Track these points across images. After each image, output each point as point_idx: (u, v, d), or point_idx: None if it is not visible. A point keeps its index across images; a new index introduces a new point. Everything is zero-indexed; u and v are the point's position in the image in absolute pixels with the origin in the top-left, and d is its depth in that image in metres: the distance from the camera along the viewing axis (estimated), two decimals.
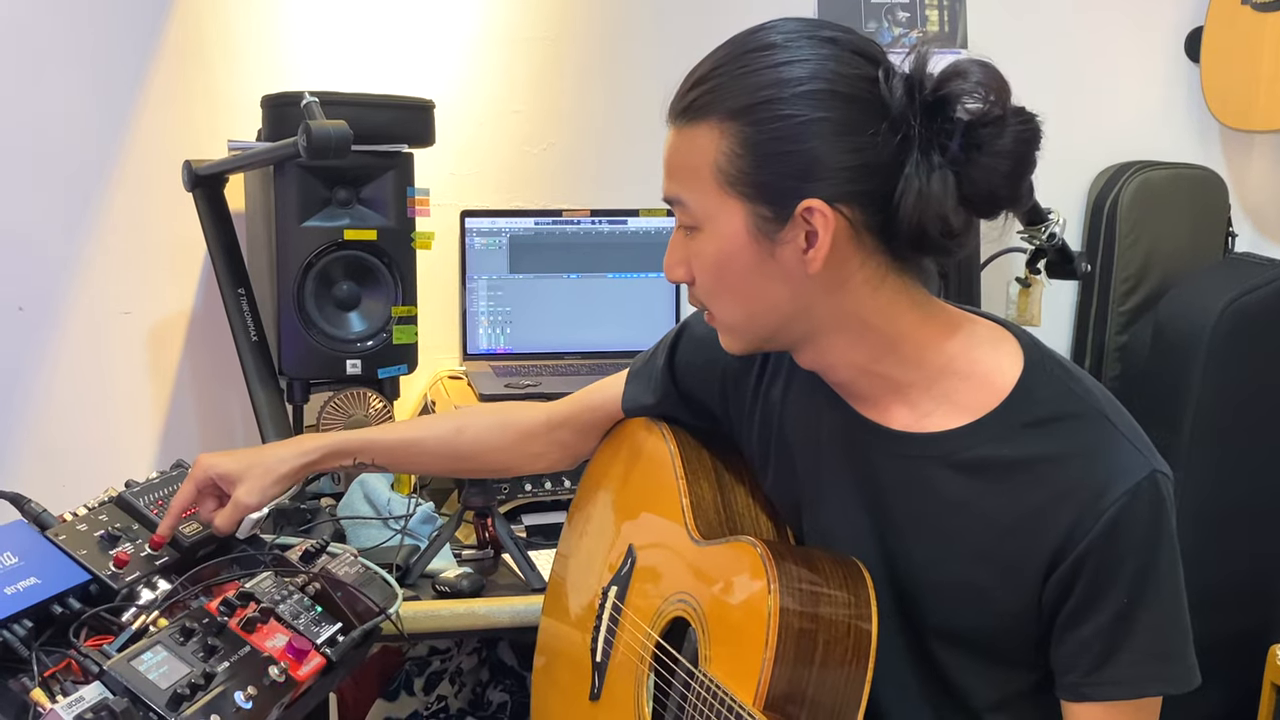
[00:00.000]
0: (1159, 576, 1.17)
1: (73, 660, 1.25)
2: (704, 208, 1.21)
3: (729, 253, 1.21)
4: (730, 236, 1.20)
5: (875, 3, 2.57)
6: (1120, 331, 2.70)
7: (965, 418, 1.23)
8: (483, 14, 2.47)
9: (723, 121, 1.17)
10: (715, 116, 1.17)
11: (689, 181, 1.21)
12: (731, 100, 1.16)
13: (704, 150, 1.18)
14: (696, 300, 1.30)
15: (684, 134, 1.20)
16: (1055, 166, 2.57)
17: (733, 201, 1.18)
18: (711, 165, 1.18)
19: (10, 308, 2.27)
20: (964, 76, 1.15)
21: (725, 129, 1.17)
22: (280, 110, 2.05)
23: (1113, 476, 1.16)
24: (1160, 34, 2.78)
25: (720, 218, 1.20)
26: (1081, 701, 1.21)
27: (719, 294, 1.26)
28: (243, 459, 1.56)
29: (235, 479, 1.54)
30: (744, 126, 1.16)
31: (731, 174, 1.17)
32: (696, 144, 1.19)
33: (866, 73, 1.15)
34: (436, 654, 2.46)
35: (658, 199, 1.26)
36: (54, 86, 2.24)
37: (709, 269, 1.24)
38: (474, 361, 2.44)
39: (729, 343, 1.31)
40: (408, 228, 2.11)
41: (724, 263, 1.22)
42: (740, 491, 1.47)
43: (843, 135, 1.14)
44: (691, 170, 1.20)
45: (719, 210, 1.20)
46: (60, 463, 2.29)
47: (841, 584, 1.24)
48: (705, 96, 1.18)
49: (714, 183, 1.19)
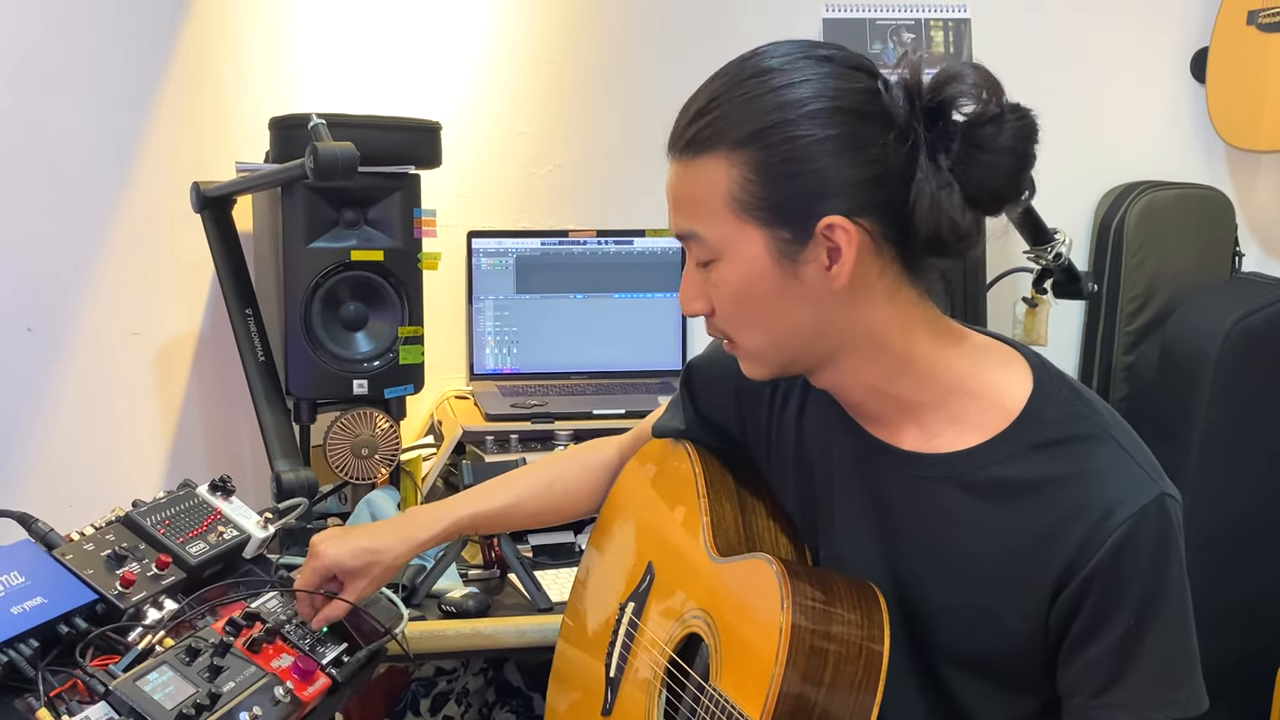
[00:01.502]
0: (1166, 599, 1.16)
1: (79, 680, 1.25)
2: (721, 238, 1.19)
3: (751, 279, 1.20)
4: (751, 262, 1.19)
5: (880, 24, 2.58)
6: (1127, 351, 2.70)
7: (975, 438, 1.23)
8: (489, 36, 2.48)
9: (732, 151, 1.16)
10: (723, 146, 1.16)
11: (701, 214, 1.20)
12: (738, 128, 1.16)
13: (714, 181, 1.17)
14: (717, 330, 1.28)
15: (690, 167, 1.19)
16: (1061, 187, 2.59)
17: (750, 228, 1.18)
18: (724, 195, 1.17)
19: (19, 328, 2.27)
20: (959, 79, 1.16)
21: (734, 158, 1.16)
22: (288, 132, 2.06)
23: (1120, 499, 1.16)
24: (1166, 54, 2.79)
25: (739, 245, 1.19)
26: None
27: (742, 322, 1.25)
28: (361, 554, 1.51)
29: (353, 575, 1.51)
30: (755, 152, 1.15)
31: (746, 201, 1.17)
32: (706, 176, 1.18)
33: (867, 85, 1.16)
34: (443, 674, 2.45)
35: (664, 219, 1.25)
36: (63, 107, 2.26)
37: (731, 298, 1.22)
38: (480, 381, 2.45)
39: (752, 369, 1.29)
40: (414, 248, 2.11)
41: (747, 289, 1.21)
42: (761, 512, 1.47)
43: (853, 149, 1.15)
44: (703, 203, 1.19)
45: (737, 238, 1.19)
46: (68, 482, 2.30)
47: (855, 606, 1.24)
48: (709, 128, 1.17)
49: (729, 211, 1.18)
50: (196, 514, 1.59)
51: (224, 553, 1.56)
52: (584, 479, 1.69)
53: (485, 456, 2.10)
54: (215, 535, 1.57)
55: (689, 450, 1.53)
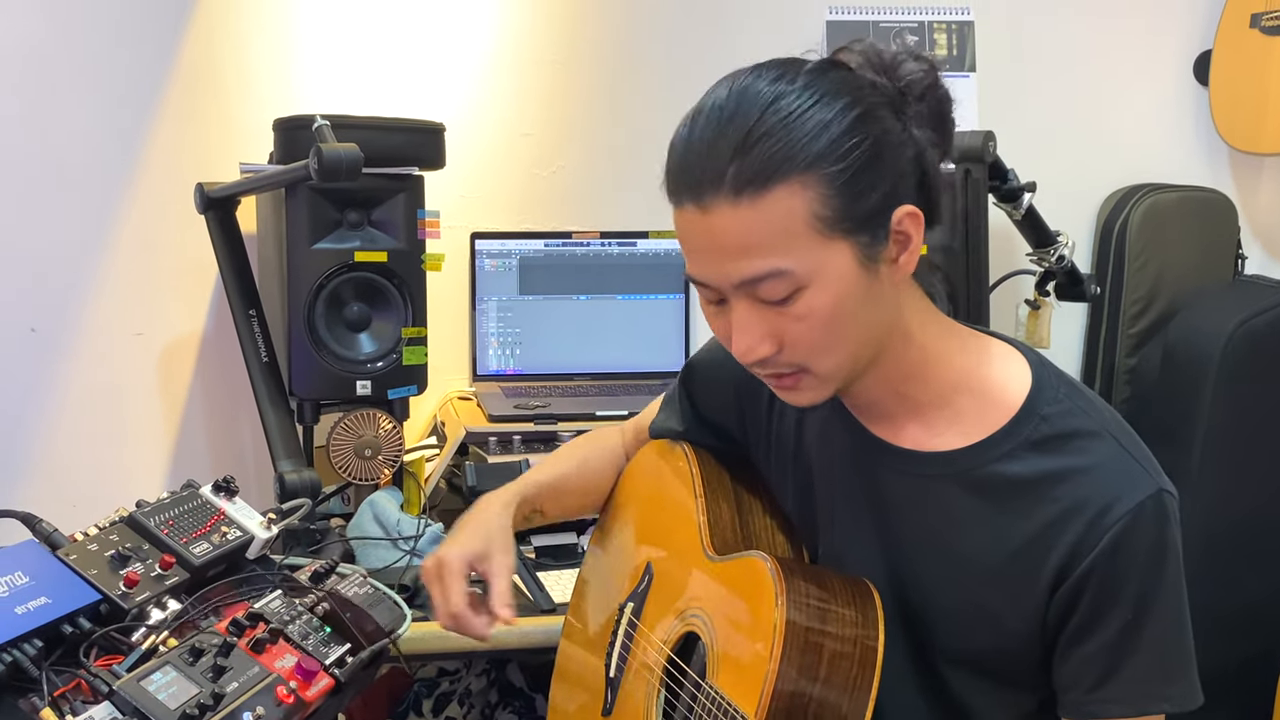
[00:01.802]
0: (1163, 595, 1.17)
1: (82, 680, 1.25)
2: (810, 264, 1.13)
3: (843, 295, 1.15)
4: (842, 279, 1.14)
5: (884, 26, 2.58)
6: (1130, 354, 2.70)
7: (973, 436, 1.24)
8: (493, 38, 2.48)
9: (805, 173, 1.11)
10: (794, 171, 1.11)
11: (782, 247, 1.12)
12: (804, 149, 1.11)
13: (791, 210, 1.11)
14: (783, 366, 1.20)
15: (758, 204, 1.11)
16: (1064, 189, 2.59)
17: (838, 243, 1.13)
18: (806, 219, 1.12)
19: (23, 328, 2.28)
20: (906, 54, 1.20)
21: (806, 180, 1.11)
22: (292, 133, 2.07)
23: (1118, 494, 1.16)
24: (1169, 57, 2.79)
25: (828, 266, 1.14)
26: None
27: (827, 346, 1.18)
28: (473, 538, 1.48)
29: (483, 554, 1.47)
30: (827, 169, 1.11)
31: (831, 218, 1.12)
32: (779, 208, 1.11)
33: (860, 80, 1.17)
34: (445, 675, 2.46)
35: (667, 221, 1.23)
36: (68, 108, 2.26)
37: (824, 323, 1.16)
38: (484, 382, 2.45)
39: (816, 395, 1.23)
40: (418, 250, 2.11)
41: (839, 307, 1.15)
42: (758, 511, 1.48)
43: (892, 138, 1.16)
44: (782, 235, 1.12)
45: (826, 259, 1.13)
46: (71, 482, 2.30)
47: (849, 602, 1.25)
48: (770, 159, 1.11)
49: (815, 235, 1.12)
50: (200, 514, 1.59)
51: (227, 553, 1.56)
52: (605, 461, 1.68)
53: (488, 457, 2.10)
54: (219, 536, 1.57)
55: (686, 451, 1.54)
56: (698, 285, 1.21)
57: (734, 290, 1.16)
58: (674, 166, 1.17)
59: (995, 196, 2.26)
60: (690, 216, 1.15)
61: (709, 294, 1.21)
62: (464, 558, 1.45)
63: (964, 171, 2.17)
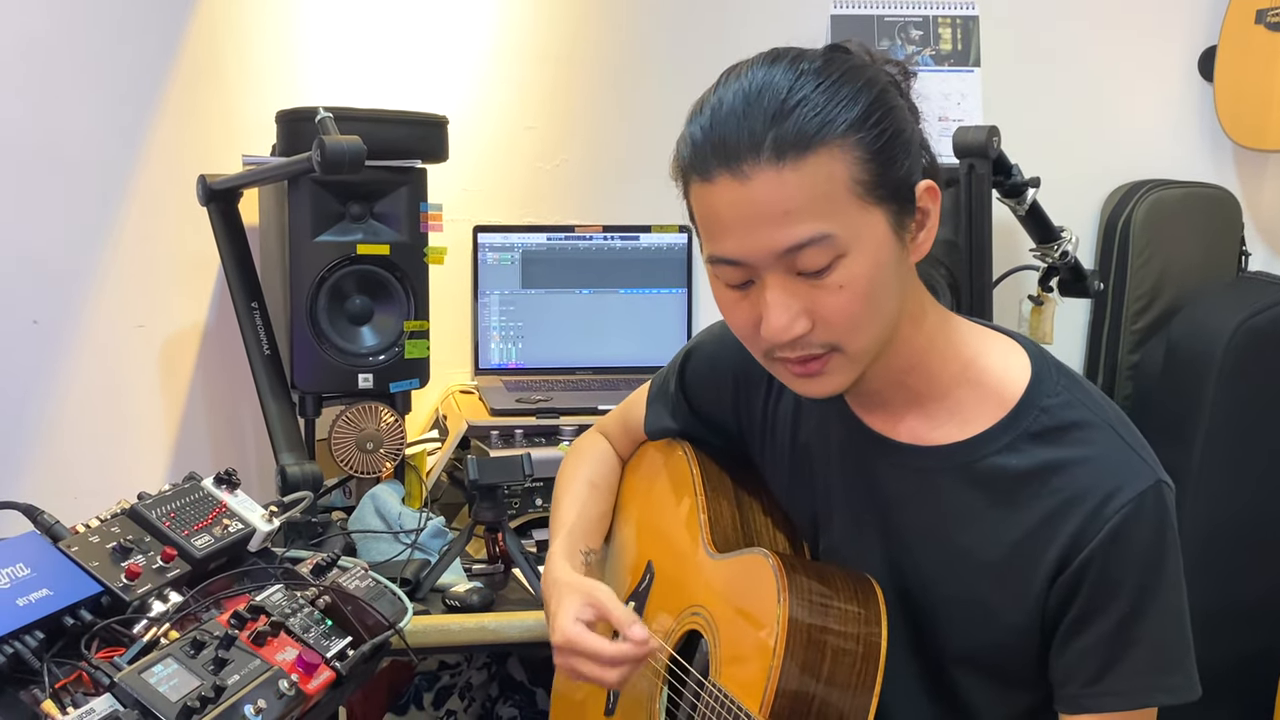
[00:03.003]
0: (1162, 586, 1.17)
1: (84, 672, 1.25)
2: (852, 229, 1.12)
3: (880, 263, 1.15)
4: (879, 246, 1.14)
5: (889, 20, 2.57)
6: (1133, 350, 2.70)
7: (972, 429, 1.24)
8: (496, 31, 2.48)
9: (843, 138, 1.11)
10: (833, 135, 1.11)
11: (826, 210, 1.11)
12: (840, 115, 1.11)
13: (833, 173, 1.11)
14: (816, 345, 1.17)
15: (801, 168, 1.10)
16: (1068, 185, 2.59)
17: (874, 209, 1.13)
18: (847, 183, 1.11)
19: (25, 321, 2.28)
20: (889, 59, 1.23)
21: (845, 144, 1.11)
22: (295, 125, 2.07)
23: (1118, 485, 1.16)
24: (1173, 53, 2.79)
25: (866, 232, 1.13)
26: (1080, 713, 1.21)
27: (864, 321, 1.16)
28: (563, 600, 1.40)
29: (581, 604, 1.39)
30: (862, 135, 1.12)
31: (868, 182, 1.12)
32: (820, 172, 1.11)
33: (867, 63, 1.18)
34: (446, 669, 2.46)
35: (670, 215, 1.23)
36: (70, 101, 2.26)
37: (863, 293, 1.14)
38: (485, 376, 2.45)
39: (839, 381, 1.20)
40: (420, 243, 2.11)
41: (877, 277, 1.15)
42: (758, 508, 1.48)
43: (903, 114, 1.17)
44: (825, 198, 1.11)
45: (865, 225, 1.13)
46: (73, 474, 2.30)
47: (852, 597, 1.24)
48: (810, 124, 1.11)
49: (854, 199, 1.12)
50: (201, 507, 1.59)
51: (229, 546, 1.56)
52: (608, 473, 1.67)
53: (490, 451, 2.10)
54: (220, 528, 1.57)
55: (686, 449, 1.54)
56: (723, 267, 1.17)
57: (772, 263, 1.14)
58: (701, 144, 1.15)
59: (999, 192, 2.26)
60: (725, 188, 1.13)
61: (735, 276, 1.17)
62: (575, 618, 1.37)
63: (968, 166, 2.17)
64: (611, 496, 1.66)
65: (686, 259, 2.50)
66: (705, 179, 1.14)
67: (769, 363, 1.22)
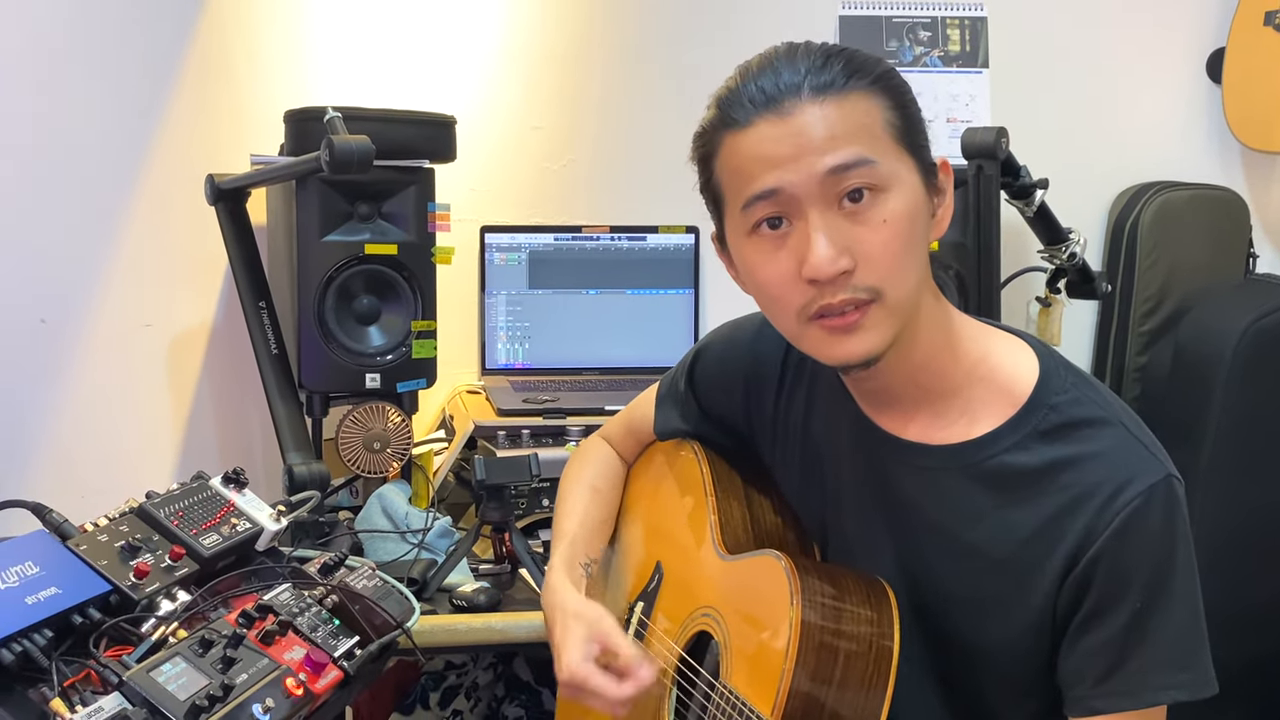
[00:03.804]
0: (1174, 580, 1.16)
1: (92, 670, 1.25)
2: (890, 167, 1.15)
3: (914, 210, 1.17)
4: (914, 192, 1.17)
5: (897, 22, 2.57)
6: (1140, 352, 2.69)
7: (982, 428, 1.23)
8: (504, 31, 2.48)
9: (875, 87, 1.16)
10: (869, 83, 1.16)
11: (869, 140, 1.15)
12: (872, 70, 1.17)
13: (872, 110, 1.16)
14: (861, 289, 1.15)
15: (844, 102, 1.14)
16: (1076, 186, 2.59)
17: (908, 158, 1.17)
18: (884, 123, 1.16)
19: (33, 319, 2.28)
20: None
21: (876, 92, 1.16)
22: (303, 125, 2.07)
23: (1128, 479, 1.16)
24: (1181, 55, 2.78)
25: (904, 175, 1.16)
26: (1090, 716, 1.19)
27: (904, 262, 1.16)
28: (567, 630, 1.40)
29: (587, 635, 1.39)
30: (890, 92, 1.17)
31: (902, 128, 1.17)
32: (864, 106, 1.15)
33: None
34: (452, 669, 2.46)
35: (677, 216, 1.24)
36: (78, 100, 2.26)
37: (902, 233, 1.15)
38: (492, 376, 2.45)
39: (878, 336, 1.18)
40: (428, 243, 2.11)
41: (913, 221, 1.17)
42: (768, 510, 1.47)
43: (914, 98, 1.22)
44: (867, 130, 1.15)
45: (902, 166, 1.17)
46: (81, 473, 2.30)
47: (865, 601, 1.24)
48: (849, 68, 1.16)
49: (891, 140, 1.16)
50: (209, 506, 1.60)
51: (237, 545, 1.57)
52: (612, 478, 1.67)
53: (497, 451, 2.10)
54: (228, 527, 1.57)
55: (695, 449, 1.53)
56: (760, 204, 1.16)
57: (816, 191, 1.14)
58: (734, 99, 1.18)
59: (1007, 193, 2.26)
60: (766, 127, 1.15)
61: (773, 209, 1.16)
62: (583, 654, 1.37)
63: (976, 167, 2.17)
64: (615, 500, 1.66)
65: (694, 260, 2.50)
66: (741, 127, 1.17)
67: (802, 326, 1.19)
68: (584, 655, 1.36)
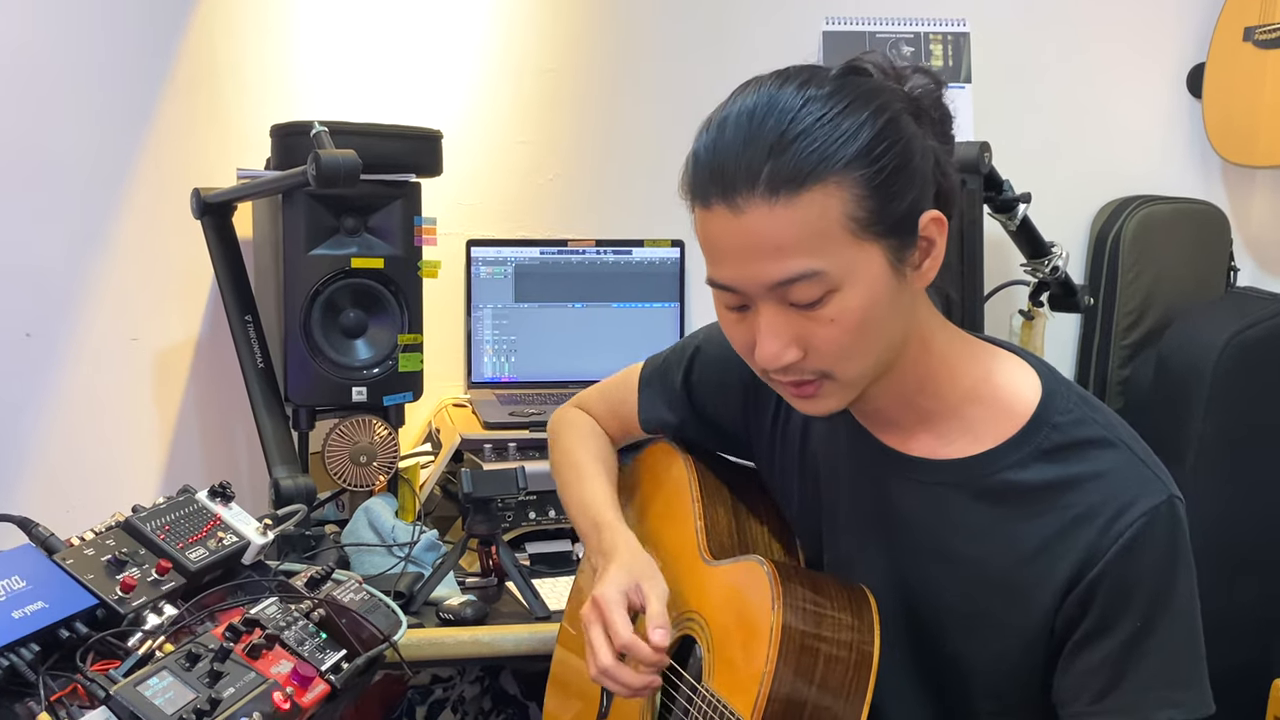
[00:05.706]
0: (1175, 601, 1.17)
1: (79, 685, 1.25)
2: (844, 266, 1.12)
3: (874, 299, 1.14)
4: (873, 282, 1.14)
5: (880, 37, 2.59)
6: (1123, 365, 2.71)
7: (984, 444, 1.24)
8: (490, 46, 2.49)
9: (841, 174, 1.10)
10: (831, 172, 1.10)
11: (817, 248, 1.11)
12: (841, 149, 1.10)
13: (827, 209, 1.10)
14: (809, 372, 1.18)
15: (794, 205, 1.10)
16: (1058, 200, 2.61)
17: (869, 246, 1.13)
18: (841, 220, 1.11)
19: (18, 334, 2.28)
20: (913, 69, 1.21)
21: (842, 181, 1.10)
22: (289, 139, 2.07)
23: (1131, 500, 1.16)
24: (1162, 70, 2.81)
25: (861, 268, 1.13)
26: None
27: (856, 352, 1.17)
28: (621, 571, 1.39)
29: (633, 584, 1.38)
30: (863, 170, 1.11)
31: (865, 219, 1.12)
32: (814, 209, 1.10)
33: (883, 86, 1.16)
34: (439, 682, 2.46)
35: (662, 230, 1.24)
36: (64, 114, 2.26)
37: (855, 326, 1.15)
38: (478, 390, 2.45)
39: (836, 402, 1.21)
40: (414, 256, 2.12)
41: (870, 311, 1.15)
42: (755, 518, 1.48)
43: (915, 143, 1.15)
44: (818, 235, 1.11)
45: (858, 261, 1.13)
46: (67, 487, 2.30)
47: (846, 607, 1.25)
48: (808, 159, 1.10)
49: (848, 235, 1.12)
50: (196, 520, 1.60)
51: (224, 558, 1.56)
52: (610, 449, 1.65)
53: (483, 464, 2.10)
54: (215, 541, 1.57)
55: (684, 456, 1.54)
56: (721, 290, 1.19)
57: (764, 293, 1.15)
58: (701, 168, 1.15)
59: (990, 207, 2.27)
60: (720, 217, 1.13)
61: (732, 299, 1.19)
62: (621, 589, 1.36)
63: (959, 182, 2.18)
64: (615, 477, 1.63)
65: (679, 273, 2.51)
66: (704, 206, 1.15)
67: (766, 379, 1.23)
68: (623, 589, 1.36)
